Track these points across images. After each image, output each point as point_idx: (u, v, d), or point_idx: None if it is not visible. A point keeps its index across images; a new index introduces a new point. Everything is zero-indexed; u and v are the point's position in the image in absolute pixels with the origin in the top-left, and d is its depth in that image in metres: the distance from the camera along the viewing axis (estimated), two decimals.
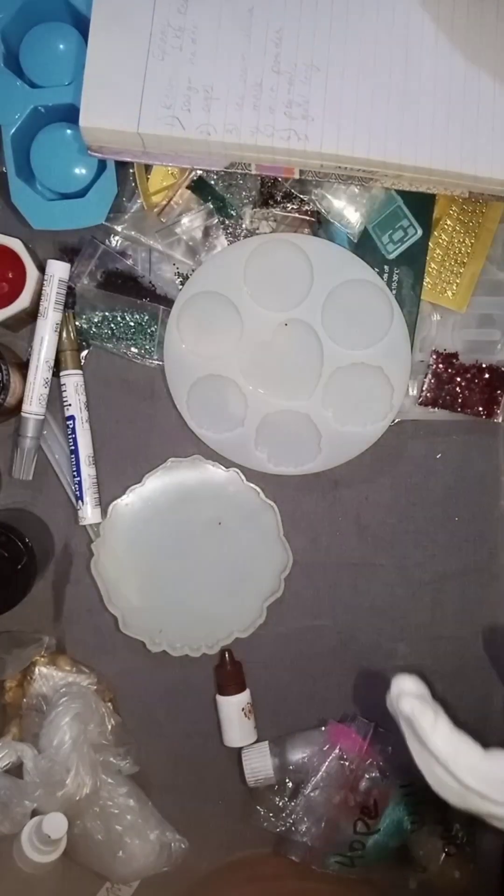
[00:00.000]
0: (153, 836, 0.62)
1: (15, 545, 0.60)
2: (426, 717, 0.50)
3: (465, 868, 0.64)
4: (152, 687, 0.68)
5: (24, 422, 0.64)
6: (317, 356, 0.65)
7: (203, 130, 0.56)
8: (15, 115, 0.61)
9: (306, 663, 0.68)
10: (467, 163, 0.57)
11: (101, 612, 0.66)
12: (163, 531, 0.66)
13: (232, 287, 0.64)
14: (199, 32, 0.56)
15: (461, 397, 0.65)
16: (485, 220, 0.65)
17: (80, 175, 0.63)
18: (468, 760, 0.49)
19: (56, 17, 0.63)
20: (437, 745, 0.49)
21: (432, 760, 0.50)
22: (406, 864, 0.64)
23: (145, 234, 0.65)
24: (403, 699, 0.51)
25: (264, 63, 0.56)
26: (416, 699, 0.51)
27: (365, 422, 0.65)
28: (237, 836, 0.67)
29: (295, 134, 0.56)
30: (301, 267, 0.64)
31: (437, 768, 0.50)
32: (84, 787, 0.58)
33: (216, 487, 0.66)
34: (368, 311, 0.64)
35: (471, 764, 0.49)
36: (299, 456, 0.66)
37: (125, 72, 0.56)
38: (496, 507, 0.68)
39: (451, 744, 0.50)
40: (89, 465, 0.66)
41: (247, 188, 0.65)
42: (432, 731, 0.50)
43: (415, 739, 0.51)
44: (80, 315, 0.66)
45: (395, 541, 0.68)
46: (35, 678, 0.64)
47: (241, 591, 0.67)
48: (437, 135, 0.57)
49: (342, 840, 0.62)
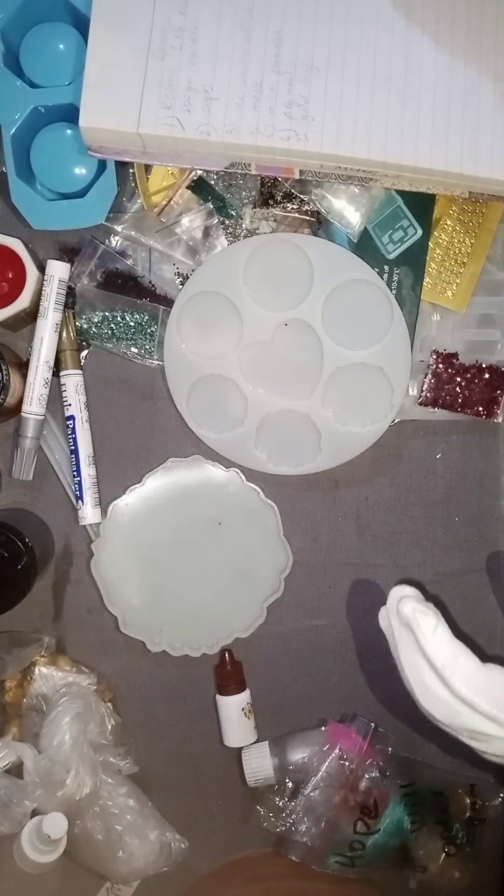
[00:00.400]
0: (153, 836, 0.62)
1: (15, 545, 0.60)
2: (428, 620, 0.49)
3: (465, 868, 0.64)
4: (152, 687, 0.68)
5: (24, 422, 0.64)
6: (317, 356, 0.65)
7: (203, 131, 0.56)
8: (15, 115, 0.61)
9: (306, 663, 0.68)
10: (467, 163, 0.57)
11: (101, 612, 0.66)
12: (163, 531, 0.66)
13: (232, 287, 0.64)
14: (199, 32, 0.56)
15: (461, 397, 0.65)
16: (485, 220, 0.65)
17: (80, 175, 0.63)
18: (465, 668, 0.48)
19: (56, 17, 0.63)
20: (435, 649, 0.48)
21: (425, 668, 0.48)
22: (406, 864, 0.64)
23: (145, 234, 0.65)
24: (405, 601, 0.50)
25: (264, 63, 0.56)
26: (417, 602, 0.50)
27: (365, 422, 0.65)
28: (237, 836, 0.67)
29: (295, 134, 0.56)
30: (301, 267, 0.64)
31: (428, 677, 0.49)
32: (84, 787, 0.58)
33: (216, 487, 0.66)
34: (368, 312, 0.64)
35: (467, 672, 0.48)
36: (299, 456, 0.66)
37: (125, 72, 0.56)
38: (496, 507, 0.68)
39: (450, 649, 0.48)
40: (89, 465, 0.66)
41: (247, 188, 0.65)
42: (432, 634, 0.49)
43: (409, 646, 0.49)
44: (80, 315, 0.66)
45: (395, 541, 0.68)
46: (35, 678, 0.64)
47: (241, 591, 0.67)
48: (437, 135, 0.57)
49: (342, 840, 0.63)
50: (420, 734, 0.67)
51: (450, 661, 0.48)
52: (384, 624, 0.52)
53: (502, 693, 0.47)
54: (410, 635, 0.49)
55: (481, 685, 0.48)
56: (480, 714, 0.47)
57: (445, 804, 0.64)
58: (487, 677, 0.48)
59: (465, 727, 0.48)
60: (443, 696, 0.48)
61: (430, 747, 0.67)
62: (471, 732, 0.48)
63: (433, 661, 0.48)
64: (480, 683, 0.48)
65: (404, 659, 0.50)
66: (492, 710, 0.47)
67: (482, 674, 0.48)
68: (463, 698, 0.47)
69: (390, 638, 0.51)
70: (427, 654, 0.48)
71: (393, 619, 0.50)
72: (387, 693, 0.67)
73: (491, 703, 0.47)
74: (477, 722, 0.48)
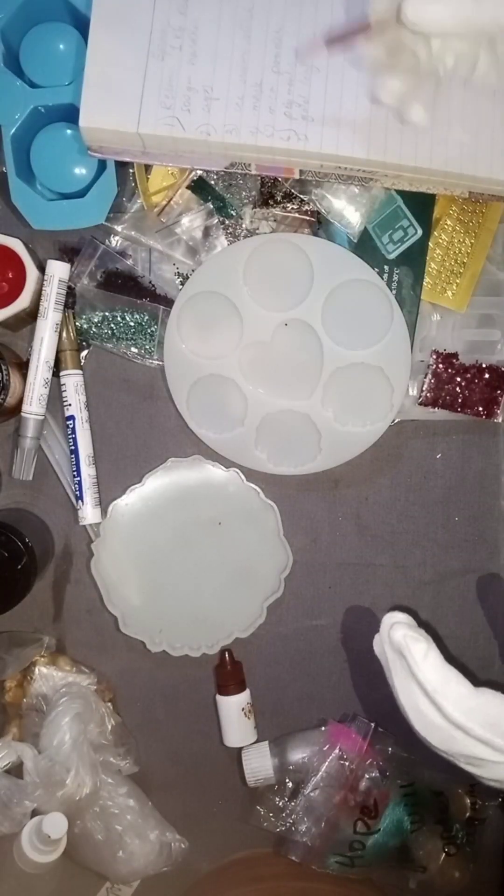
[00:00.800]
0: (153, 836, 0.62)
1: (15, 545, 0.60)
2: (418, 646, 0.49)
3: (465, 868, 0.64)
4: (152, 687, 0.68)
5: (24, 422, 0.64)
6: (317, 356, 0.65)
7: (203, 131, 0.56)
8: (15, 115, 0.61)
9: (306, 663, 0.68)
10: (467, 163, 0.57)
11: (101, 612, 0.66)
12: (163, 531, 0.66)
13: (232, 287, 0.64)
14: (199, 32, 0.56)
15: (461, 397, 0.65)
16: (485, 220, 0.65)
17: (80, 175, 0.63)
18: (457, 693, 0.48)
19: (56, 17, 0.63)
20: (427, 675, 0.48)
21: (418, 694, 0.48)
22: (406, 864, 0.64)
23: (145, 234, 0.65)
24: (396, 628, 0.50)
25: (264, 63, 0.56)
26: (409, 628, 0.50)
27: (365, 422, 0.65)
28: (237, 836, 0.67)
29: (295, 134, 0.56)
30: (301, 267, 0.64)
31: (422, 703, 0.48)
32: (84, 787, 0.58)
33: (216, 487, 0.66)
34: (368, 312, 0.64)
35: (459, 696, 0.48)
36: (299, 456, 0.66)
37: (125, 72, 0.56)
38: (496, 507, 0.68)
39: (441, 674, 0.48)
40: (89, 465, 0.66)
41: (247, 188, 0.65)
42: (423, 660, 0.49)
43: (402, 672, 0.49)
44: (80, 315, 0.66)
45: (395, 541, 0.68)
46: (35, 678, 0.64)
47: (241, 591, 0.67)
48: (436, 135, 0.57)
49: (342, 840, 0.63)
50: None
51: (441, 685, 0.48)
52: (378, 651, 0.52)
53: (495, 717, 0.47)
54: (403, 661, 0.49)
55: (473, 709, 0.48)
56: (474, 738, 0.47)
57: (445, 804, 0.64)
58: (479, 701, 0.48)
59: (461, 753, 0.48)
60: (437, 721, 0.48)
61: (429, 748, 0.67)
62: (467, 758, 0.49)
63: (425, 686, 0.48)
64: (473, 707, 0.48)
65: (398, 685, 0.50)
66: (485, 734, 0.47)
67: (474, 698, 0.48)
68: (456, 723, 0.47)
69: (385, 665, 0.51)
70: (419, 680, 0.48)
71: (386, 645, 0.51)
72: (387, 693, 0.67)
73: (484, 727, 0.47)
74: (472, 747, 0.48)
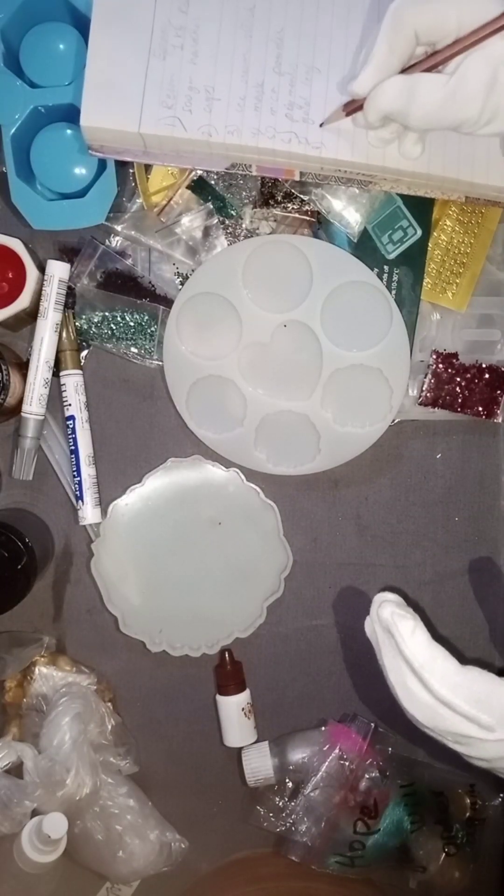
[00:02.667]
0: (153, 836, 0.62)
1: (15, 545, 0.60)
2: (406, 623, 0.49)
3: (465, 868, 0.64)
4: (152, 687, 0.68)
5: (24, 422, 0.64)
6: (316, 358, 0.65)
7: (205, 131, 0.56)
8: (15, 115, 0.61)
9: (306, 663, 0.68)
10: (464, 169, 0.58)
11: (101, 612, 0.66)
12: (163, 531, 0.66)
13: (231, 288, 0.64)
14: (200, 31, 0.56)
15: (461, 397, 0.65)
16: (484, 220, 0.65)
17: (80, 175, 0.63)
18: (443, 669, 0.48)
19: (56, 17, 0.63)
20: (414, 651, 0.49)
21: (406, 671, 0.49)
22: (406, 864, 0.64)
23: (145, 234, 0.65)
24: (385, 606, 0.50)
25: (266, 63, 0.56)
26: (397, 606, 0.50)
27: (364, 423, 0.65)
28: (237, 836, 0.67)
29: (296, 137, 0.56)
30: (300, 269, 0.64)
31: (409, 680, 0.49)
32: (84, 787, 0.58)
33: (216, 487, 0.66)
34: (367, 314, 0.64)
35: (445, 672, 0.48)
36: (298, 456, 0.66)
37: (126, 71, 0.56)
38: (496, 507, 0.68)
39: (428, 650, 0.49)
40: (89, 465, 0.66)
41: (247, 188, 0.65)
42: (410, 637, 0.49)
43: (390, 651, 0.50)
44: (80, 315, 0.66)
45: (395, 541, 0.68)
46: (35, 678, 0.64)
47: (241, 591, 0.67)
48: (435, 140, 0.57)
49: (342, 840, 0.63)
50: (420, 734, 0.67)
51: (428, 661, 0.49)
52: (369, 631, 0.52)
53: (481, 693, 0.48)
54: (391, 639, 0.50)
55: (460, 685, 0.48)
56: (461, 715, 0.48)
57: (445, 804, 0.65)
58: (466, 678, 0.48)
59: (448, 730, 0.49)
60: (424, 698, 0.49)
61: (430, 747, 0.67)
62: (454, 736, 0.49)
63: (412, 663, 0.48)
64: (459, 683, 0.48)
65: (387, 663, 0.50)
66: (471, 711, 0.47)
67: (460, 674, 0.48)
68: (442, 699, 0.48)
69: (376, 646, 0.52)
70: (406, 656, 0.49)
71: (375, 624, 0.51)
72: (387, 693, 0.67)
73: (469, 703, 0.47)
74: (458, 724, 0.48)
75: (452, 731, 0.48)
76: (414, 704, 0.49)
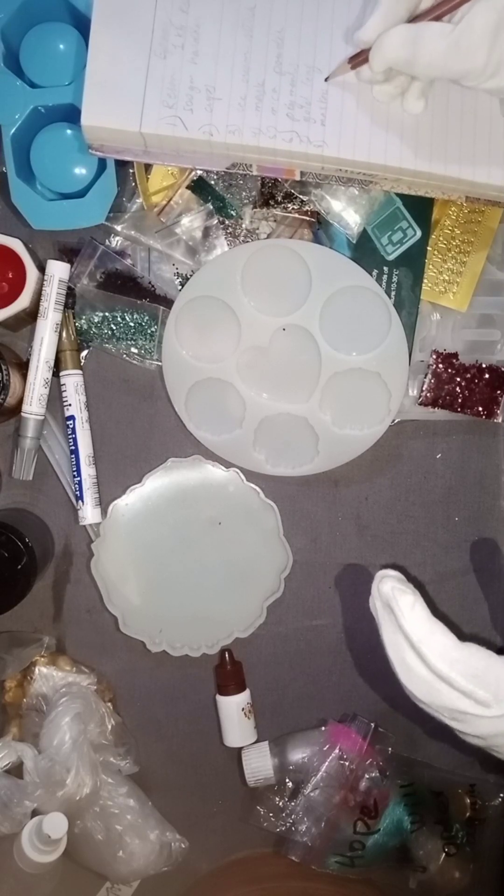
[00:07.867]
0: (153, 836, 0.62)
1: (15, 545, 0.60)
2: (406, 598, 0.49)
3: (465, 868, 0.64)
4: (152, 687, 0.68)
5: (24, 422, 0.64)
6: (314, 361, 0.65)
7: (206, 131, 0.56)
8: (15, 115, 0.61)
9: (306, 663, 0.68)
10: (465, 168, 0.58)
11: (101, 612, 0.66)
12: (163, 531, 0.66)
13: (230, 292, 0.64)
14: (201, 31, 0.56)
15: (461, 397, 0.65)
16: (484, 220, 0.65)
17: (80, 175, 0.63)
18: (442, 644, 0.48)
19: (56, 17, 0.63)
20: (413, 625, 0.49)
21: (405, 646, 0.49)
22: (406, 864, 0.64)
23: (145, 234, 0.65)
24: (385, 581, 0.50)
25: (266, 63, 0.56)
26: (397, 582, 0.51)
27: (362, 426, 0.65)
28: (237, 836, 0.67)
29: (297, 136, 0.56)
30: (299, 273, 0.64)
31: (408, 655, 0.49)
32: (84, 787, 0.58)
33: (216, 487, 0.66)
34: (366, 318, 0.64)
35: (443, 647, 0.48)
36: (297, 458, 0.66)
37: (127, 70, 0.56)
38: (496, 507, 0.68)
39: (427, 625, 0.49)
40: (89, 465, 0.66)
41: (247, 188, 0.65)
42: (409, 611, 0.49)
43: (390, 626, 0.50)
44: (80, 315, 0.66)
45: (395, 541, 0.68)
46: (35, 678, 0.64)
47: (241, 591, 0.67)
48: (436, 140, 0.57)
49: (342, 840, 0.63)
50: (420, 734, 0.67)
51: (427, 636, 0.49)
52: (372, 608, 0.52)
53: (478, 669, 0.48)
54: (391, 615, 0.50)
55: (457, 660, 0.48)
56: (458, 691, 0.48)
57: (445, 804, 0.65)
58: (464, 653, 0.48)
59: (444, 706, 0.49)
60: (422, 673, 0.49)
61: (430, 747, 0.67)
62: (451, 712, 0.49)
63: (410, 637, 0.49)
64: (456, 658, 0.48)
65: (386, 639, 0.50)
66: (468, 686, 0.47)
67: (458, 650, 0.48)
68: (439, 674, 0.48)
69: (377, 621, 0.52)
70: (405, 631, 0.49)
71: (376, 600, 0.51)
72: (387, 693, 0.67)
73: (467, 679, 0.47)
74: (455, 700, 0.48)
75: (449, 707, 0.48)
76: (412, 679, 0.49)
